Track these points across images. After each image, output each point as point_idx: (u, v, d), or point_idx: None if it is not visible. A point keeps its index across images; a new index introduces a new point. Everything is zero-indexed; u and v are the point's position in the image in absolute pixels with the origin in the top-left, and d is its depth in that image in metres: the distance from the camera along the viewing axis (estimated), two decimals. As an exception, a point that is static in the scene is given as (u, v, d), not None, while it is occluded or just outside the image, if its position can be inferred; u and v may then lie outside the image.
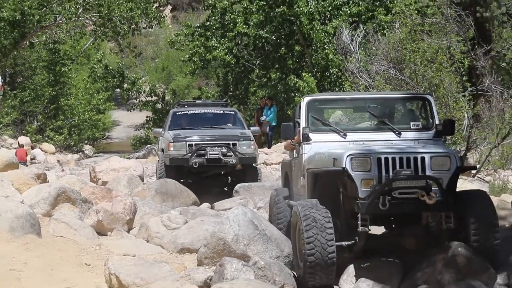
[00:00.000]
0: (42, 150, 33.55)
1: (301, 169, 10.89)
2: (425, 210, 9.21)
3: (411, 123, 11.05)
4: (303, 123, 10.84)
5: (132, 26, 36.97)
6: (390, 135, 10.73)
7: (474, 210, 9.33)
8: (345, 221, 9.43)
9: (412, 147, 9.79)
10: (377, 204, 8.95)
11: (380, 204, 8.94)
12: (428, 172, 9.17)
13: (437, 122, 10.90)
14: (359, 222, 9.11)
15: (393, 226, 9.82)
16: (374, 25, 27.82)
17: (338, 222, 9.53)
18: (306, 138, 10.72)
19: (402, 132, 10.77)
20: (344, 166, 9.17)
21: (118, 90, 40.50)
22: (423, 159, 9.22)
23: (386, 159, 9.19)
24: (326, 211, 9.19)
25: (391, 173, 9.13)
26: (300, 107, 11.11)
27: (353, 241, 9.29)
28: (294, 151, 11.77)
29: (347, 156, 9.22)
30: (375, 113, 11.38)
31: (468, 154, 18.20)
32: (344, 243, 9.29)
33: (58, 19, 34.81)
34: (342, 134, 10.69)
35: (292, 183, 12.03)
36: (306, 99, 11.11)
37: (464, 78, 18.54)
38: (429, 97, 11.36)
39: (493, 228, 9.34)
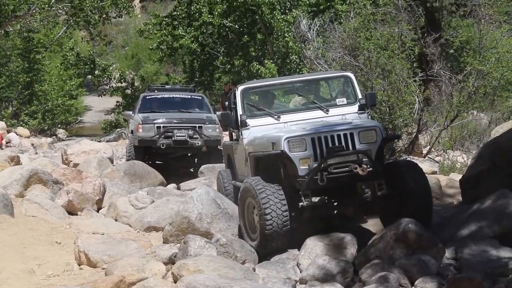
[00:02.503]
0: (17, 134, 33.19)
1: (243, 153, 11.13)
2: (359, 180, 9.50)
3: (337, 100, 11.48)
4: (239, 110, 11.09)
5: (102, 16, 36.61)
6: (319, 113, 11.10)
7: (408, 177, 9.69)
8: (289, 195, 9.55)
9: (341, 125, 10.00)
10: (316, 180, 9.28)
11: (318, 180, 9.26)
12: (358, 146, 9.53)
13: (359, 96, 11.29)
14: (302, 198, 9.45)
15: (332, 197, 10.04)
16: (331, 14, 27.79)
17: None
18: (244, 124, 10.95)
19: (329, 109, 11.15)
20: (282, 148, 9.45)
21: (89, 76, 40.27)
22: (352, 134, 9.56)
23: (319, 138, 9.51)
24: (277, 185, 9.47)
25: (325, 150, 9.42)
26: (235, 96, 11.31)
27: (298, 212, 9.60)
28: (234, 135, 11.95)
29: (285, 139, 9.50)
30: (303, 94, 11.90)
31: (419, 135, 18.25)
32: (292, 213, 9.56)
33: (31, 9, 34.36)
34: (276, 116, 11.01)
35: (235, 165, 12.26)
36: (240, 88, 11.37)
37: (414, 64, 18.53)
38: (350, 74, 11.84)
39: (427, 192, 9.79)
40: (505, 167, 11.03)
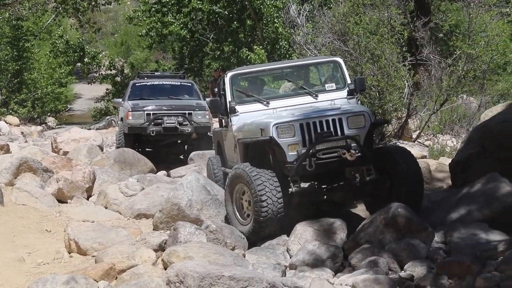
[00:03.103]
0: (7, 123, 33.07)
1: (232, 139, 11.10)
2: (348, 166, 9.49)
3: (326, 85, 11.44)
4: (228, 97, 11.03)
5: (91, 3, 36.51)
6: (308, 99, 11.07)
7: (398, 161, 9.73)
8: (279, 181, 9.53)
9: (330, 110, 10.00)
10: (305, 166, 9.28)
11: (307, 166, 9.25)
12: (346, 131, 9.56)
13: (348, 81, 11.26)
14: (291, 184, 9.44)
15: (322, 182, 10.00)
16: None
17: None
18: (233, 110, 10.89)
19: (318, 95, 11.12)
20: (271, 135, 9.46)
21: (79, 64, 40.14)
22: (340, 120, 9.60)
23: (308, 124, 9.53)
24: (271, 171, 9.47)
25: (313, 136, 9.44)
26: (224, 82, 11.25)
27: (288, 198, 9.49)
28: (223, 121, 11.91)
29: (273, 125, 9.51)
30: (292, 79, 11.82)
31: (409, 120, 18.27)
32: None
33: (20, -4, 34.34)
34: (265, 102, 10.96)
35: (224, 151, 12.21)
36: (229, 74, 11.30)
37: (404, 49, 18.51)
38: (339, 59, 11.80)
39: (418, 176, 9.82)
40: (494, 150, 11.07)
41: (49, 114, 41.74)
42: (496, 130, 11.33)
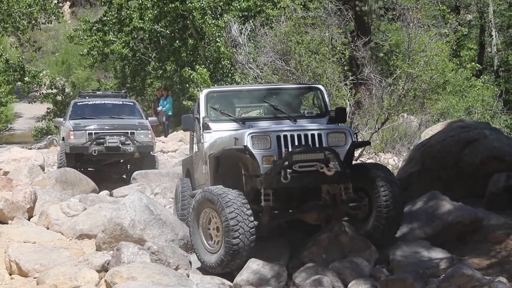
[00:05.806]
0: None
1: (203, 157, 10.58)
2: (325, 182, 9.10)
3: (306, 111, 11.06)
4: (202, 113, 10.58)
5: (31, 22, 36.19)
6: (287, 123, 10.52)
7: (381, 183, 9.17)
8: (249, 203, 9.00)
9: (309, 125, 9.70)
10: (279, 177, 8.79)
11: (281, 178, 8.77)
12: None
13: (329, 109, 10.90)
14: (262, 197, 8.93)
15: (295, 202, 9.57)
16: (262, 19, 27.84)
17: None
18: (206, 127, 10.45)
19: (297, 120, 10.64)
20: (245, 144, 8.98)
21: (19, 83, 39.69)
22: (320, 135, 9.13)
23: (285, 136, 9.07)
24: (243, 197, 8.93)
25: (290, 149, 8.98)
26: (199, 99, 10.88)
27: (258, 221, 9.07)
28: (195, 146, 11.50)
29: (248, 135, 9.05)
30: (271, 103, 11.13)
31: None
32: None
33: (-42, 15, 33.89)
34: (240, 123, 10.49)
35: (193, 175, 11.73)
36: (205, 91, 10.90)
37: (345, 68, 18.69)
38: (321, 86, 11.39)
39: (400, 198, 9.29)
40: (435, 168, 11.23)
41: (-12, 133, 41.23)
42: (436, 148, 11.48)
